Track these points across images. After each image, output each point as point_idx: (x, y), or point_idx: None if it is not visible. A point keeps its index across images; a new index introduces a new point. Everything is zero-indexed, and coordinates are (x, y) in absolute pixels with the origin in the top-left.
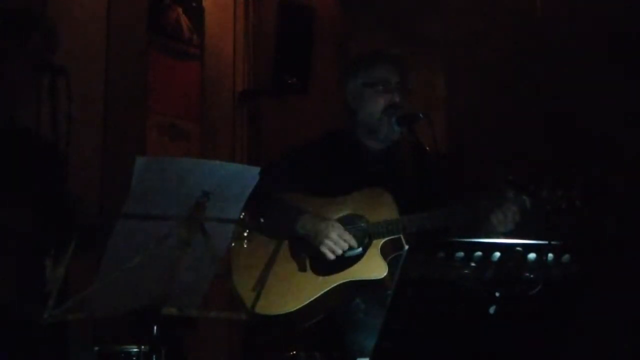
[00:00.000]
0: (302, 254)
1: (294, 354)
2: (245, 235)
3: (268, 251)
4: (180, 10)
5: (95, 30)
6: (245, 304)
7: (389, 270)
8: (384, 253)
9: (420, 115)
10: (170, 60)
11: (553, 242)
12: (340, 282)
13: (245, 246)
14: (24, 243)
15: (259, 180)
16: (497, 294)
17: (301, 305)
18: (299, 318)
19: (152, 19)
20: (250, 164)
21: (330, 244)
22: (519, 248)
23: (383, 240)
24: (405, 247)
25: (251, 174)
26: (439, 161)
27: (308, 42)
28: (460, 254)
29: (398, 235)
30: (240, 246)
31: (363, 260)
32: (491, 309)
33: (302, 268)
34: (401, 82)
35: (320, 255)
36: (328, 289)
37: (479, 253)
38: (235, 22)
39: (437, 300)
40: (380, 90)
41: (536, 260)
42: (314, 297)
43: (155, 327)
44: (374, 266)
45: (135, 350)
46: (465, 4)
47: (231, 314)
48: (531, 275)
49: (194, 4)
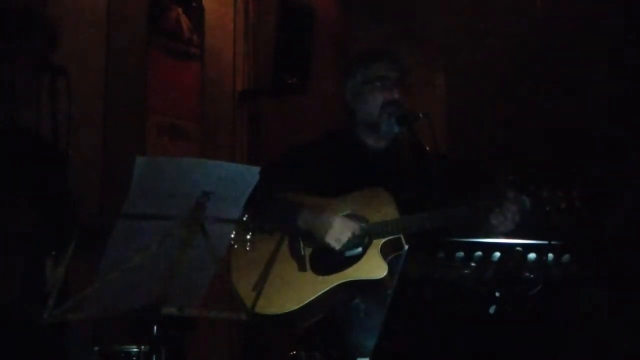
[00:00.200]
0: (302, 253)
1: (294, 354)
2: (248, 238)
3: (268, 251)
4: (180, 10)
5: (95, 30)
6: (245, 304)
7: (388, 270)
8: (384, 253)
9: (420, 115)
10: (170, 60)
11: (553, 242)
12: (340, 282)
13: (248, 249)
14: (24, 243)
15: (259, 180)
16: (497, 294)
17: (301, 305)
18: (299, 318)
19: (152, 19)
20: (250, 164)
21: (335, 234)
22: (519, 248)
23: (383, 240)
24: (405, 247)
25: (251, 174)
26: (439, 161)
27: (308, 42)
28: (460, 254)
29: (398, 235)
30: (242, 249)
31: (363, 260)
32: (491, 309)
33: (302, 268)
34: (399, 79)
35: (322, 253)
36: (328, 288)
37: (479, 253)
38: (235, 22)
39: (437, 300)
40: (378, 87)
41: (536, 260)
42: (314, 297)
43: (155, 327)
44: (373, 266)
45: (135, 350)
46: (465, 3)
47: (231, 314)
48: (531, 275)
49: (194, 4)
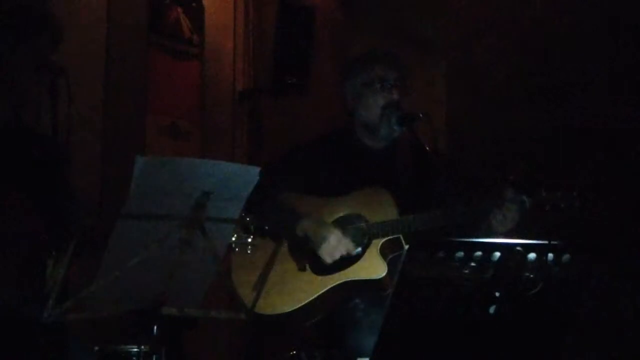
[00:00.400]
0: (302, 253)
1: (294, 354)
2: (249, 241)
3: (268, 251)
4: (180, 10)
5: (95, 30)
6: (245, 304)
7: (388, 270)
8: (384, 253)
9: (420, 115)
10: (170, 60)
11: (553, 242)
12: (340, 282)
13: (249, 252)
14: (24, 243)
15: (259, 180)
16: (497, 294)
17: (301, 304)
18: (298, 318)
19: (152, 19)
20: (250, 164)
21: (329, 249)
22: (519, 248)
23: (383, 240)
24: (405, 247)
25: (251, 174)
26: (439, 161)
27: (308, 42)
28: (460, 254)
29: (397, 235)
30: (244, 252)
31: (362, 260)
32: (491, 309)
33: (302, 268)
34: (399, 80)
35: (319, 257)
36: (327, 288)
37: (479, 253)
38: (235, 22)
39: (437, 300)
40: (378, 88)
41: (536, 260)
42: (314, 297)
43: (155, 327)
44: (373, 266)
45: (135, 350)
46: (465, 4)
47: (231, 314)
48: (531, 275)
49: (194, 4)
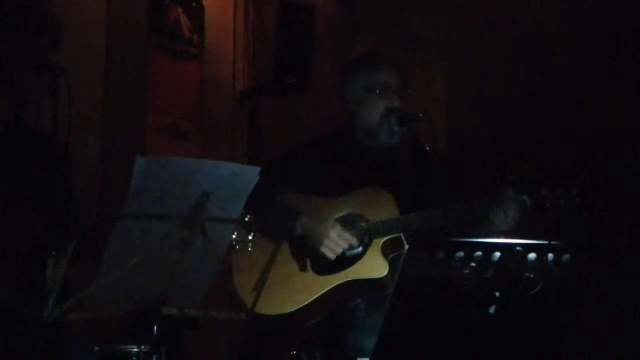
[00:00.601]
0: (303, 253)
1: (294, 354)
2: (250, 239)
3: (268, 251)
4: (180, 10)
5: (95, 30)
6: (245, 304)
7: (389, 269)
8: (384, 252)
9: (420, 115)
10: (170, 60)
11: (553, 242)
12: (341, 282)
13: (250, 250)
14: (25, 243)
15: (259, 180)
16: (497, 294)
17: (302, 305)
18: (299, 318)
19: (152, 19)
20: (250, 164)
21: (331, 244)
22: (519, 248)
23: (383, 240)
24: (406, 247)
25: (251, 174)
26: (439, 161)
27: (308, 42)
28: (460, 254)
29: (398, 235)
30: (244, 250)
31: (363, 259)
32: (491, 309)
33: (303, 268)
34: (401, 85)
35: (320, 256)
36: (328, 288)
37: (479, 253)
38: (235, 22)
39: (437, 300)
40: (380, 94)
41: (536, 260)
42: (315, 297)
43: (155, 327)
44: (374, 265)
45: (135, 350)
46: (465, 4)
47: (231, 314)
48: (531, 275)
49: (194, 4)
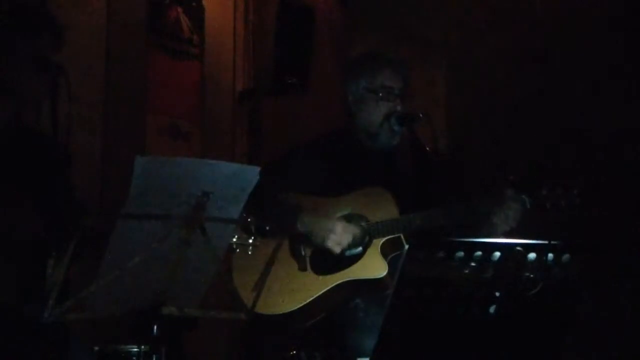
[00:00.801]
0: (302, 253)
1: (294, 354)
2: (250, 242)
3: (268, 251)
4: (180, 10)
5: (95, 30)
6: (245, 304)
7: (389, 269)
8: (384, 252)
9: (420, 115)
10: (170, 60)
11: (553, 242)
12: (340, 282)
13: (250, 253)
14: (25, 243)
15: (259, 180)
16: (497, 294)
17: (301, 304)
18: (299, 318)
19: (152, 19)
20: (250, 164)
21: (336, 238)
22: (519, 248)
23: (383, 240)
24: (405, 247)
25: (251, 174)
26: (439, 161)
27: (308, 42)
28: (460, 254)
29: (398, 235)
30: (244, 253)
31: (363, 259)
32: (491, 309)
33: (302, 267)
34: (403, 89)
35: (322, 253)
36: (328, 288)
37: (479, 253)
38: (235, 22)
39: (437, 300)
40: (382, 97)
41: (536, 260)
42: (314, 297)
43: (155, 327)
44: (374, 265)
45: (135, 350)
46: (465, 4)
47: (231, 314)
48: (531, 275)
49: (194, 4)
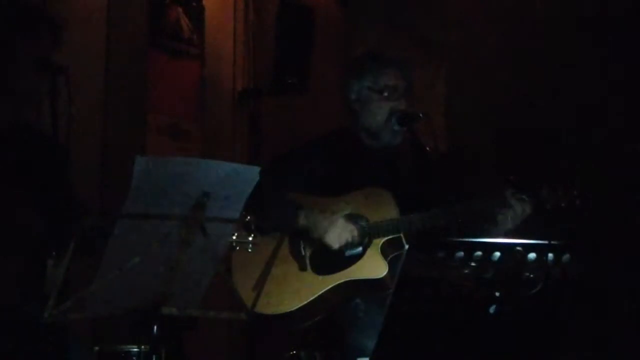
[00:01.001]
0: (302, 253)
1: (294, 354)
2: (250, 240)
3: (268, 251)
4: (180, 10)
5: (95, 30)
6: (245, 304)
7: (389, 269)
8: (384, 252)
9: (420, 115)
10: (170, 60)
11: (553, 242)
12: (340, 282)
13: (250, 251)
14: (25, 243)
15: (259, 180)
16: (497, 294)
17: (301, 304)
18: (299, 317)
19: (152, 19)
20: (250, 164)
21: (336, 234)
22: (519, 248)
23: (383, 240)
24: (406, 247)
25: (251, 174)
26: (439, 161)
27: (308, 42)
28: (460, 254)
29: (398, 235)
30: (244, 251)
31: (363, 259)
32: (491, 309)
33: (302, 267)
34: (407, 88)
35: (322, 253)
36: (328, 288)
37: (479, 253)
38: (235, 22)
39: (437, 300)
40: (386, 97)
41: (536, 260)
42: (314, 297)
43: (155, 327)
44: (374, 265)
45: (135, 350)
46: (465, 4)
47: (231, 314)
48: (531, 275)
49: (194, 4)
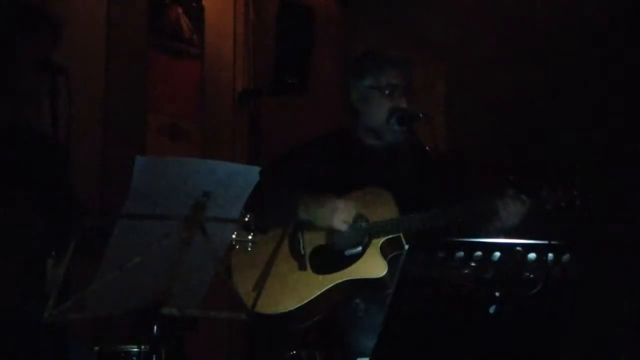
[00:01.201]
0: (302, 252)
1: (294, 354)
2: (250, 238)
3: (268, 250)
4: (180, 10)
5: (95, 30)
6: (245, 304)
7: (388, 269)
8: (384, 252)
9: (420, 115)
10: (171, 60)
11: (553, 242)
12: (340, 281)
13: (250, 250)
14: (25, 243)
15: (259, 180)
16: (497, 294)
17: (301, 304)
18: (299, 317)
19: (152, 19)
20: (250, 164)
21: (342, 216)
22: (519, 248)
23: (383, 240)
24: (405, 247)
25: (251, 174)
26: (439, 161)
27: (308, 42)
28: (460, 254)
29: (398, 235)
30: (243, 249)
31: (363, 259)
32: (491, 309)
33: (302, 267)
34: (407, 87)
35: (322, 253)
36: (328, 287)
37: (479, 253)
38: (235, 22)
39: (437, 300)
40: (387, 95)
41: (536, 260)
42: (314, 296)
43: (155, 327)
44: (373, 265)
45: (135, 350)
46: (465, 4)
47: (231, 314)
48: (531, 275)
49: (194, 4)
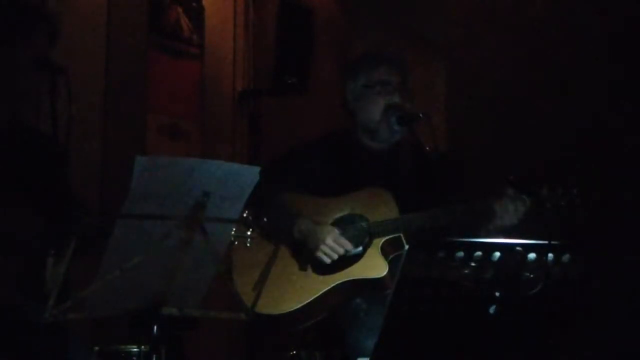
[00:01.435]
0: (303, 253)
1: (294, 354)
2: (249, 234)
3: (268, 250)
4: (180, 10)
5: (95, 30)
6: (245, 304)
7: (389, 269)
8: (384, 252)
9: (420, 115)
10: (170, 60)
11: (553, 242)
12: (340, 282)
13: (249, 245)
14: (24, 243)
15: (259, 180)
16: (497, 294)
17: (301, 304)
18: (299, 317)
19: (152, 19)
20: (250, 164)
21: (326, 249)
22: (519, 248)
23: (383, 240)
24: (406, 247)
25: (251, 174)
26: (439, 161)
27: (308, 42)
28: (460, 254)
29: (398, 235)
30: (242, 245)
31: (363, 259)
32: (491, 309)
33: (303, 267)
34: (402, 83)
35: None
36: (328, 288)
37: (479, 253)
38: (235, 22)
39: (437, 300)
40: (380, 91)
41: (536, 260)
42: (315, 297)
43: (155, 327)
44: (374, 265)
45: (135, 350)
46: (465, 4)
47: (231, 314)
48: (531, 275)
49: (194, 4)
